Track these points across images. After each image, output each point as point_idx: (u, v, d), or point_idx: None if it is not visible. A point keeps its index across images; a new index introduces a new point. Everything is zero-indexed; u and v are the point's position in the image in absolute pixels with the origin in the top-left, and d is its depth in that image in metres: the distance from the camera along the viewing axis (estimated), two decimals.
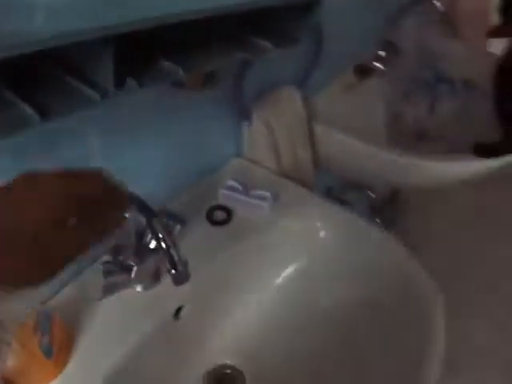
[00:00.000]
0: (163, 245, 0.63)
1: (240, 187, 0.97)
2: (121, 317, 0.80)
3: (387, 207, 1.76)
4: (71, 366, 0.74)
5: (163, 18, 0.49)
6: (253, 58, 0.83)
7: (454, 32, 1.53)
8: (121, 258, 0.81)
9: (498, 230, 2.01)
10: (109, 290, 0.78)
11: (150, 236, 0.84)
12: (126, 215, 0.51)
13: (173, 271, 0.63)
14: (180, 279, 0.64)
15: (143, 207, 0.64)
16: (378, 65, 1.31)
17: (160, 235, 0.63)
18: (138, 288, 0.84)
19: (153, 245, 0.83)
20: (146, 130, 0.84)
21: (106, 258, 0.80)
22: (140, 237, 0.83)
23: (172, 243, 0.63)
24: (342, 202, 1.36)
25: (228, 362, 0.90)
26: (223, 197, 0.97)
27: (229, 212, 0.95)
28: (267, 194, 0.94)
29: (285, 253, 0.95)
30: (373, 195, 1.65)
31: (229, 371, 0.89)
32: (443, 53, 1.36)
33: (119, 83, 0.52)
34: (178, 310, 0.85)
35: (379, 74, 1.32)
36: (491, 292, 1.80)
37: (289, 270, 0.96)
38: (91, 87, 0.52)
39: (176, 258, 0.63)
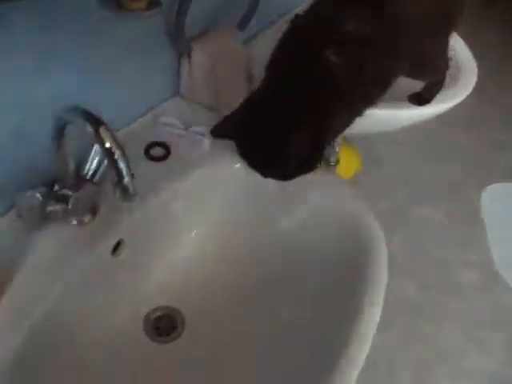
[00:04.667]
0: (112, 154, 0.59)
1: (176, 122, 0.94)
2: (56, 253, 0.76)
3: None
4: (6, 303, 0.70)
5: None
6: None
7: None
8: (57, 188, 0.77)
9: None
10: (45, 219, 0.74)
11: (87, 166, 0.80)
12: None
13: (121, 183, 0.60)
14: (129, 193, 0.60)
15: (89, 116, 0.61)
16: None
17: (108, 144, 0.59)
18: (74, 222, 0.79)
19: (89, 175, 0.80)
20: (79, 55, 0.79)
21: (42, 188, 0.75)
22: (77, 168, 0.79)
23: (121, 153, 0.59)
24: None
25: (166, 303, 0.89)
26: (161, 132, 0.94)
27: (167, 148, 0.92)
28: (206, 129, 0.91)
29: (224, 190, 0.93)
30: None
31: (167, 312, 0.88)
32: None
33: None
34: (117, 246, 0.81)
35: None
36: None
37: (229, 207, 0.94)
38: None
39: (125, 169, 0.59)
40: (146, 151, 0.91)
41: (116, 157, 0.60)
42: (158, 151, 0.92)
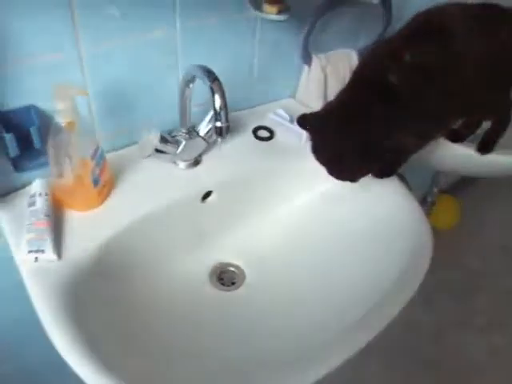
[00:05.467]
0: (219, 102, 0.76)
1: (287, 116, 1.09)
2: (157, 183, 0.93)
3: None
4: (108, 203, 0.88)
5: None
6: None
7: None
8: (174, 133, 0.95)
9: None
10: (157, 152, 0.91)
11: (203, 125, 0.97)
12: None
13: (218, 124, 0.76)
14: (223, 131, 0.77)
15: (208, 72, 0.78)
16: None
17: (218, 95, 0.76)
18: (181, 165, 0.96)
19: (203, 132, 0.97)
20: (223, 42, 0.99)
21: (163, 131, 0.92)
22: (194, 125, 0.96)
23: (224, 104, 0.76)
24: None
25: (234, 261, 1.01)
26: (270, 120, 1.10)
27: (271, 133, 1.07)
28: None
29: (311, 178, 1.04)
30: None
31: (233, 269, 1.00)
32: None
33: None
34: (207, 196, 0.97)
35: None
36: None
37: (312, 194, 1.06)
38: None
39: (224, 116, 0.76)
40: (254, 131, 1.08)
41: (218, 105, 0.77)
42: (263, 133, 1.08)
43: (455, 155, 1.17)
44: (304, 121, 0.91)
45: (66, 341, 0.66)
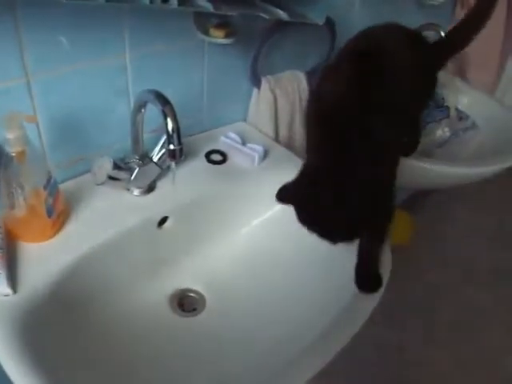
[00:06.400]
0: (172, 125, 0.77)
1: (239, 138, 1.11)
2: (112, 210, 0.92)
3: None
4: (63, 233, 0.87)
5: None
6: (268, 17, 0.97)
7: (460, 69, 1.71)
8: (127, 160, 0.94)
9: None
10: (111, 179, 0.91)
11: (156, 150, 0.97)
12: None
13: (171, 146, 0.77)
14: (176, 154, 0.77)
15: (160, 97, 0.79)
16: None
17: (170, 119, 0.77)
18: (135, 192, 0.96)
19: (156, 157, 0.97)
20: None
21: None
22: (147, 151, 0.96)
23: (176, 127, 0.77)
24: None
25: (193, 287, 1.01)
26: (223, 143, 1.11)
27: (224, 156, 1.08)
28: (259, 148, 1.07)
29: (267, 200, 1.03)
30: None
31: (193, 295, 1.00)
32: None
33: None
34: (163, 221, 0.96)
35: None
36: None
37: (269, 215, 1.08)
38: None
39: (176, 139, 0.76)
40: (207, 155, 1.08)
41: (170, 128, 0.78)
42: (216, 157, 1.09)
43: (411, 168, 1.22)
44: (282, 197, 0.87)
45: (23, 375, 0.64)
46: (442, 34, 1.40)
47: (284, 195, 0.87)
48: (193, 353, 0.88)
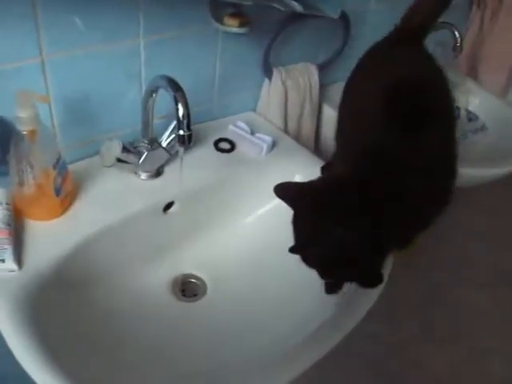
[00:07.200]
0: (182, 111, 0.77)
1: (247, 128, 1.11)
2: (119, 193, 0.93)
3: None
4: (70, 213, 0.88)
5: None
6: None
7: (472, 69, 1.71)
8: (136, 144, 0.95)
9: None
10: (119, 161, 0.92)
11: (165, 136, 0.98)
12: None
13: (181, 132, 0.77)
14: (185, 139, 0.78)
15: (172, 83, 0.79)
16: None
17: (181, 105, 0.77)
18: (143, 176, 0.97)
19: (165, 143, 0.98)
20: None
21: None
22: (157, 136, 0.97)
23: (187, 113, 0.77)
24: None
25: (196, 273, 1.02)
26: (231, 132, 1.11)
27: (232, 145, 1.09)
28: (268, 138, 1.08)
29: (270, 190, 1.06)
30: None
31: (195, 281, 1.01)
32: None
33: None
34: (169, 206, 0.97)
35: None
36: None
37: (274, 204, 1.07)
38: None
39: (187, 124, 0.77)
40: (215, 143, 1.09)
41: (181, 114, 0.78)
42: (224, 145, 1.09)
43: None
44: (281, 192, 0.77)
45: (26, 350, 0.65)
46: (457, 34, 1.40)
47: (284, 192, 0.78)
48: (190, 336, 0.89)
